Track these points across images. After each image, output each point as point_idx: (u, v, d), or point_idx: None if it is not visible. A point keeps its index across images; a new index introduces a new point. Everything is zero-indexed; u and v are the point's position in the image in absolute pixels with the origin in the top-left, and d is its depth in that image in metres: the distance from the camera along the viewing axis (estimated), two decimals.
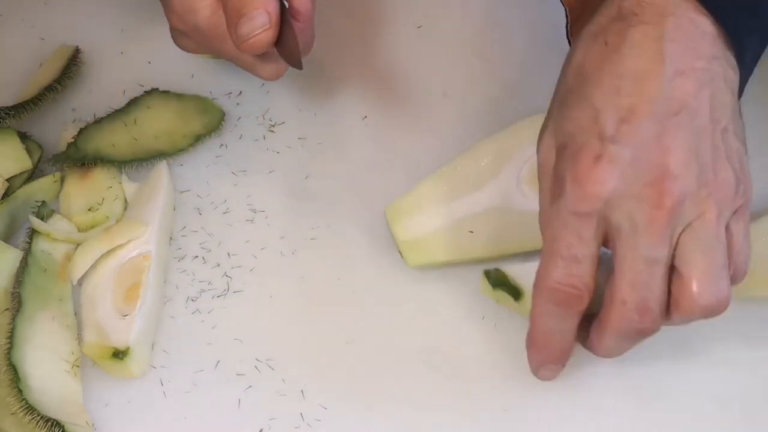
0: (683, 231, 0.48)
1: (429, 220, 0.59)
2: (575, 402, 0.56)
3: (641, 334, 0.50)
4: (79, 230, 0.62)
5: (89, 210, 0.62)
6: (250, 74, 0.61)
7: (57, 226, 0.61)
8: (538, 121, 0.62)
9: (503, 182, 0.60)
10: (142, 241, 0.60)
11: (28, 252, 0.60)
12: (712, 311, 0.49)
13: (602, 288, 0.49)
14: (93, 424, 0.55)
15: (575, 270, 0.49)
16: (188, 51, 0.63)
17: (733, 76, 0.51)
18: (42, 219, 0.61)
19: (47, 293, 0.59)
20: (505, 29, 0.62)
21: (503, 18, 0.71)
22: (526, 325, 0.58)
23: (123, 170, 0.64)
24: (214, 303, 0.60)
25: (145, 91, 0.67)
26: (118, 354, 0.56)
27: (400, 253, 0.59)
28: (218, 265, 0.61)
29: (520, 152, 0.61)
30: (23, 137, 0.64)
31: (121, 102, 0.67)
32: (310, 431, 0.55)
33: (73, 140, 0.64)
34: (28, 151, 0.63)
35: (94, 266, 0.59)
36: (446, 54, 0.64)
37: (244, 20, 0.55)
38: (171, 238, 0.62)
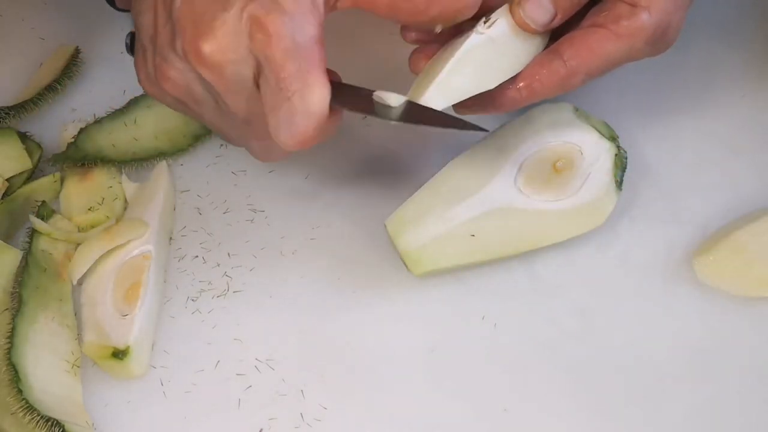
0: None
1: (430, 228, 0.59)
2: (575, 402, 0.56)
3: None
4: (79, 230, 0.62)
5: (89, 210, 0.62)
6: None
7: (57, 226, 0.61)
8: (534, 118, 0.62)
9: (501, 183, 0.60)
10: (142, 241, 0.60)
11: (28, 252, 0.60)
12: None
13: None
14: (93, 424, 0.55)
15: None
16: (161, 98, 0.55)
17: None
18: (42, 219, 0.61)
19: (47, 293, 0.59)
20: None
21: None
22: (525, 325, 0.58)
23: (123, 170, 0.64)
24: (214, 303, 0.60)
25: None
26: (118, 354, 0.56)
27: (405, 264, 0.59)
28: (218, 265, 0.61)
29: (517, 151, 0.61)
30: (23, 137, 0.64)
31: (121, 102, 0.67)
32: (310, 431, 0.55)
33: (73, 140, 0.64)
34: (28, 151, 0.64)
35: (94, 266, 0.59)
36: None
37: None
38: (171, 238, 0.62)
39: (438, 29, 0.53)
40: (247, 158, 0.65)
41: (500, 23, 0.53)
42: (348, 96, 0.52)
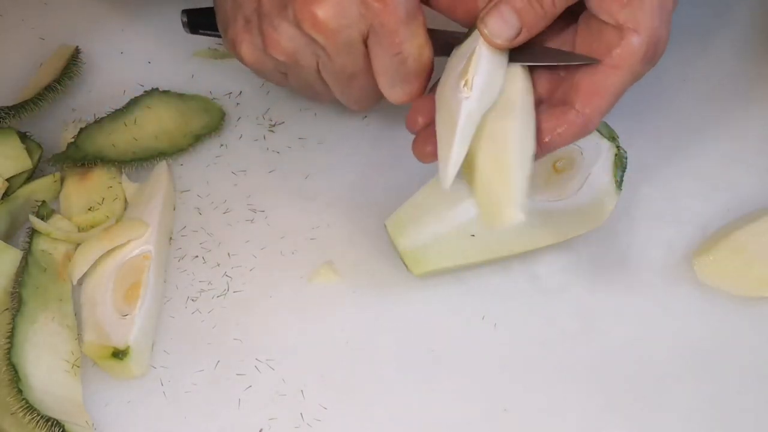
0: None
1: (430, 228, 0.59)
2: (575, 402, 0.56)
3: None
4: (79, 230, 0.62)
5: (89, 210, 0.62)
6: (250, 74, 0.61)
7: (57, 226, 0.61)
8: None
9: None
10: (142, 241, 0.60)
11: (28, 252, 0.60)
12: None
13: None
14: (93, 424, 0.55)
15: None
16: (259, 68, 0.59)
17: None
18: (42, 219, 0.61)
19: (47, 293, 0.59)
20: None
21: None
22: (525, 325, 0.58)
23: (123, 170, 0.64)
24: (214, 303, 0.60)
25: (145, 91, 0.67)
26: (118, 354, 0.56)
27: (405, 264, 0.59)
28: (218, 265, 0.61)
29: None
30: (23, 137, 0.64)
31: (121, 102, 0.67)
32: (310, 431, 0.55)
33: (73, 140, 0.64)
34: (28, 151, 0.63)
35: (94, 266, 0.59)
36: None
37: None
38: (171, 238, 0.62)
39: None
40: (247, 158, 0.66)
41: (479, 76, 0.53)
42: (438, 42, 0.56)
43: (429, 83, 0.56)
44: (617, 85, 0.53)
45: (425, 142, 0.55)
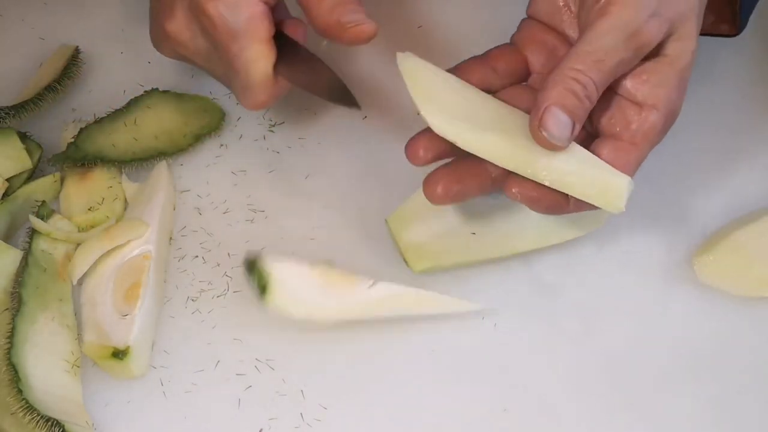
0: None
1: (431, 225, 0.59)
2: (575, 402, 0.56)
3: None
4: (79, 230, 0.62)
5: (89, 210, 0.62)
6: None
7: (57, 226, 0.61)
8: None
9: None
10: (142, 241, 0.60)
11: (28, 252, 0.60)
12: None
13: None
14: (93, 424, 0.55)
15: None
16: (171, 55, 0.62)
17: None
18: (42, 219, 0.61)
19: (47, 293, 0.59)
20: (504, 29, 0.62)
21: (504, 18, 0.71)
22: (525, 325, 0.58)
23: (123, 170, 0.64)
24: (214, 303, 0.60)
25: (145, 91, 0.67)
26: (118, 354, 0.56)
27: (405, 261, 0.59)
28: (218, 265, 0.61)
29: None
30: (23, 137, 0.64)
31: (121, 102, 0.67)
32: (310, 431, 0.55)
33: (73, 140, 0.64)
34: (28, 151, 0.63)
35: (94, 266, 0.59)
36: (446, 54, 0.64)
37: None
38: (171, 238, 0.62)
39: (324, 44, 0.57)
40: (247, 158, 0.66)
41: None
42: (294, 63, 0.58)
43: (276, 96, 0.57)
44: (636, 159, 0.53)
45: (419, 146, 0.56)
